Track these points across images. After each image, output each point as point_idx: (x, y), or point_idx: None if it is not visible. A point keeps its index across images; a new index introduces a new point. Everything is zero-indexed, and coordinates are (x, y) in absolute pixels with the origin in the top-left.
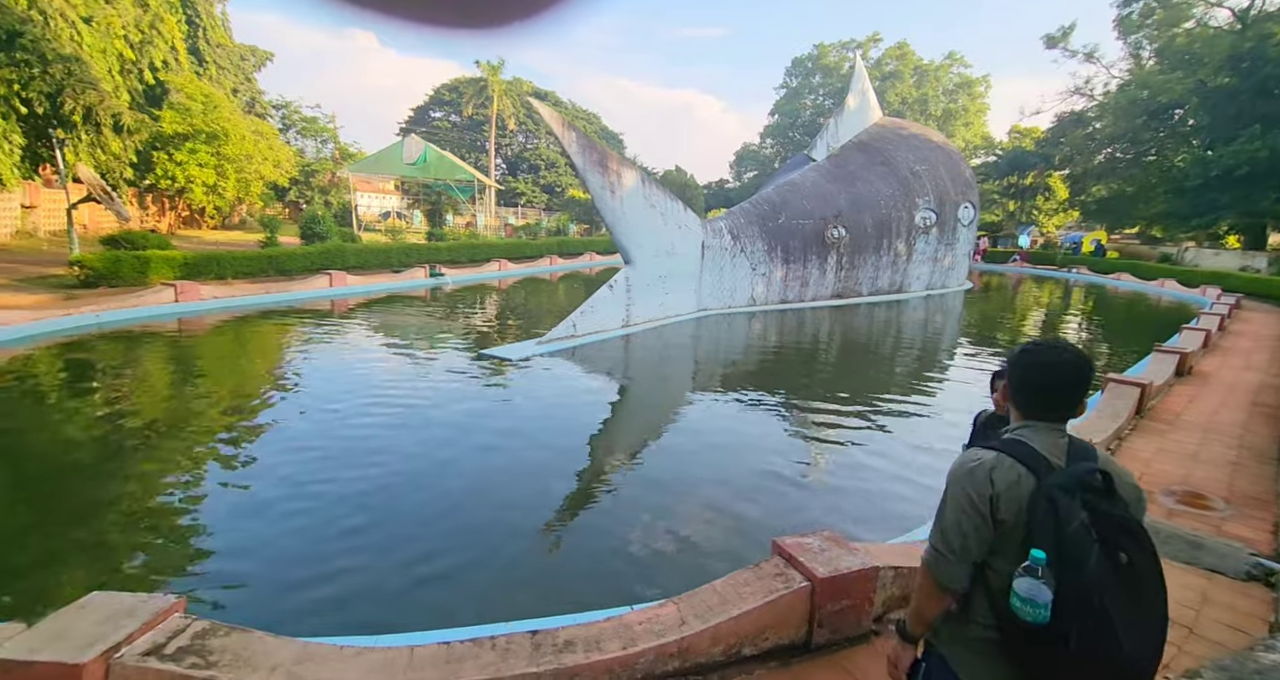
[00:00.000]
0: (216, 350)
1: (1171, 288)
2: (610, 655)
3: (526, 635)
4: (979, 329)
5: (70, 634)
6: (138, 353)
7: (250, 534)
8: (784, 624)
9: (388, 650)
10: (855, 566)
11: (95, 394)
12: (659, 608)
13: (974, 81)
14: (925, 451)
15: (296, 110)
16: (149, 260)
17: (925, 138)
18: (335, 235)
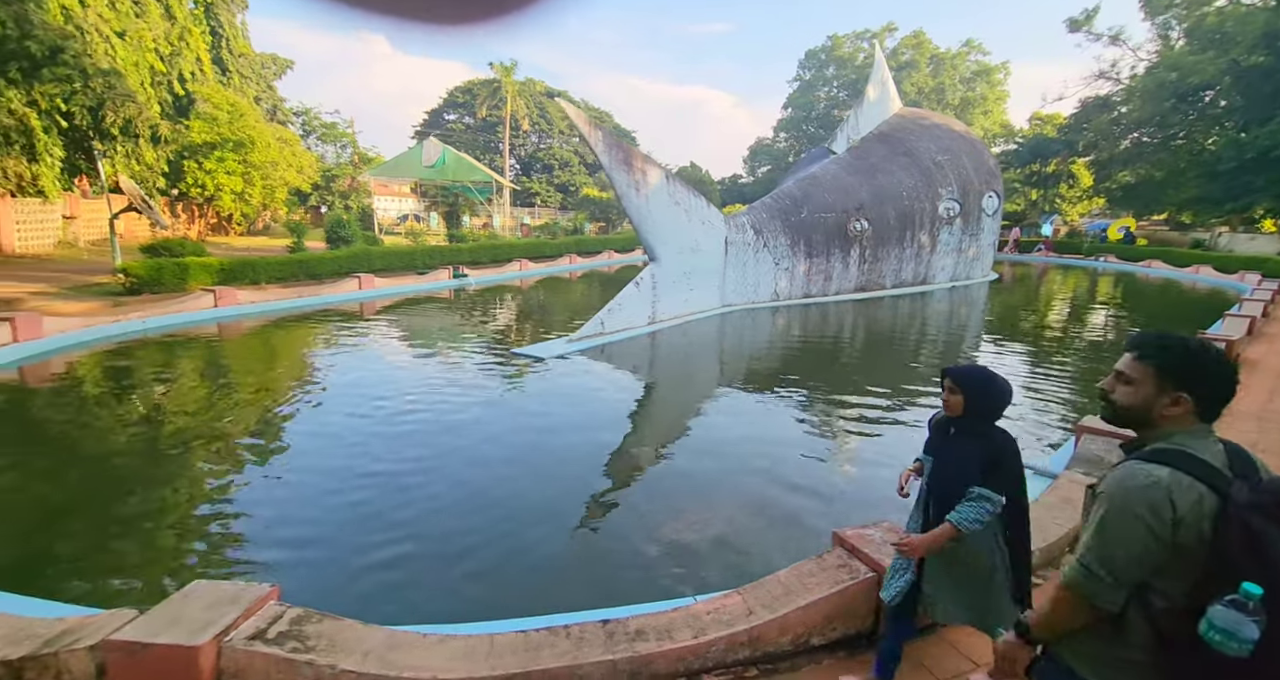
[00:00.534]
0: (258, 352)
1: (1207, 274)
2: (682, 644)
3: (598, 624)
4: (1009, 320)
5: (182, 619)
6: (185, 355)
7: (309, 523)
8: (850, 614)
9: (468, 637)
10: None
11: (151, 395)
12: (725, 598)
13: (992, 69)
14: None
15: (316, 116)
16: (188, 267)
17: (947, 127)
18: (359, 239)
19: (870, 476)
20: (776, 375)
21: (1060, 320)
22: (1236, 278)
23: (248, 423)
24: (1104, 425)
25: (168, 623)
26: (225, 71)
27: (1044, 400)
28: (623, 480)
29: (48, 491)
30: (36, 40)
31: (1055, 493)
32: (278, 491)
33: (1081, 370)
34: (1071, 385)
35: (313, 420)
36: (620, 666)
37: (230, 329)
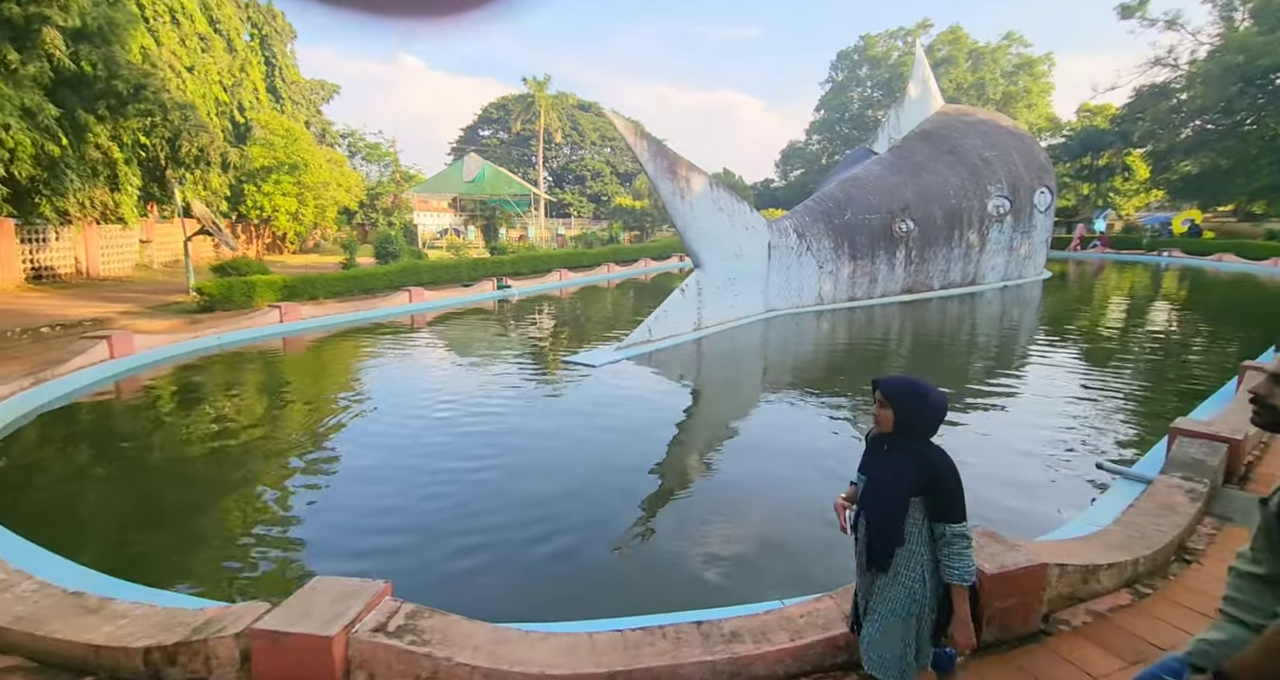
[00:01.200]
0: (328, 363)
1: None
2: (779, 646)
3: (693, 625)
4: (1068, 320)
5: (312, 611)
6: (262, 367)
7: (392, 517)
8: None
9: (569, 635)
10: (1021, 563)
11: (239, 403)
12: (816, 601)
13: (1035, 61)
14: (1027, 456)
15: (361, 137)
16: (255, 285)
17: (994, 123)
18: (406, 254)
19: None
20: (825, 382)
21: (1124, 318)
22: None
23: (329, 427)
24: (1200, 427)
25: (300, 614)
26: (279, 99)
27: (1118, 401)
28: (679, 484)
29: (169, 492)
30: (122, 79)
31: (1152, 499)
32: (368, 487)
33: (1153, 371)
34: (1143, 386)
35: (386, 423)
36: (720, 667)
37: (298, 342)
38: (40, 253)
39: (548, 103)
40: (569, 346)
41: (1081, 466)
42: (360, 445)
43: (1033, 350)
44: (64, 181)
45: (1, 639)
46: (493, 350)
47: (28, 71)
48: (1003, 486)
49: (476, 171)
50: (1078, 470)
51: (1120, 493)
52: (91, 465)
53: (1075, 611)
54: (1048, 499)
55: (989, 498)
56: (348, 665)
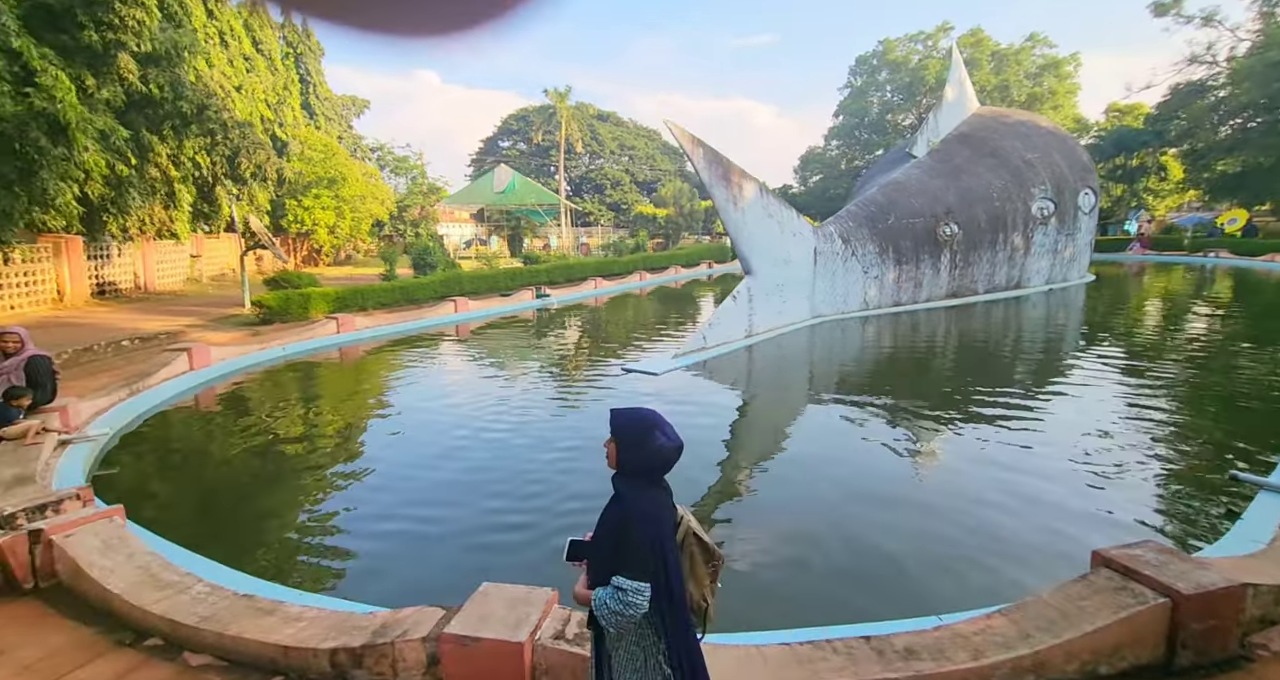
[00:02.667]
0: (392, 371)
1: None
2: (962, 665)
3: (861, 640)
4: (1129, 323)
5: (491, 617)
6: (332, 376)
7: (501, 516)
8: (1139, 642)
9: (737, 648)
10: (1219, 583)
11: (308, 407)
12: (987, 618)
13: (1061, 61)
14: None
15: (390, 151)
16: (310, 297)
17: (1034, 124)
18: (441, 264)
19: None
20: (882, 391)
21: (1186, 322)
22: None
23: (417, 429)
24: None
25: (480, 619)
26: (313, 115)
27: (1195, 408)
28: (757, 489)
29: (276, 494)
30: (187, 100)
31: None
32: (477, 476)
33: (1235, 377)
34: (1225, 391)
35: (469, 427)
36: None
37: (357, 351)
38: (104, 269)
39: (569, 113)
40: (625, 354)
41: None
42: (448, 448)
43: (1083, 357)
44: (127, 200)
45: (192, 638)
46: (552, 358)
47: (102, 96)
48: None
49: (507, 182)
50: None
51: (1267, 506)
52: (201, 471)
53: (1270, 635)
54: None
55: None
56: (534, 671)
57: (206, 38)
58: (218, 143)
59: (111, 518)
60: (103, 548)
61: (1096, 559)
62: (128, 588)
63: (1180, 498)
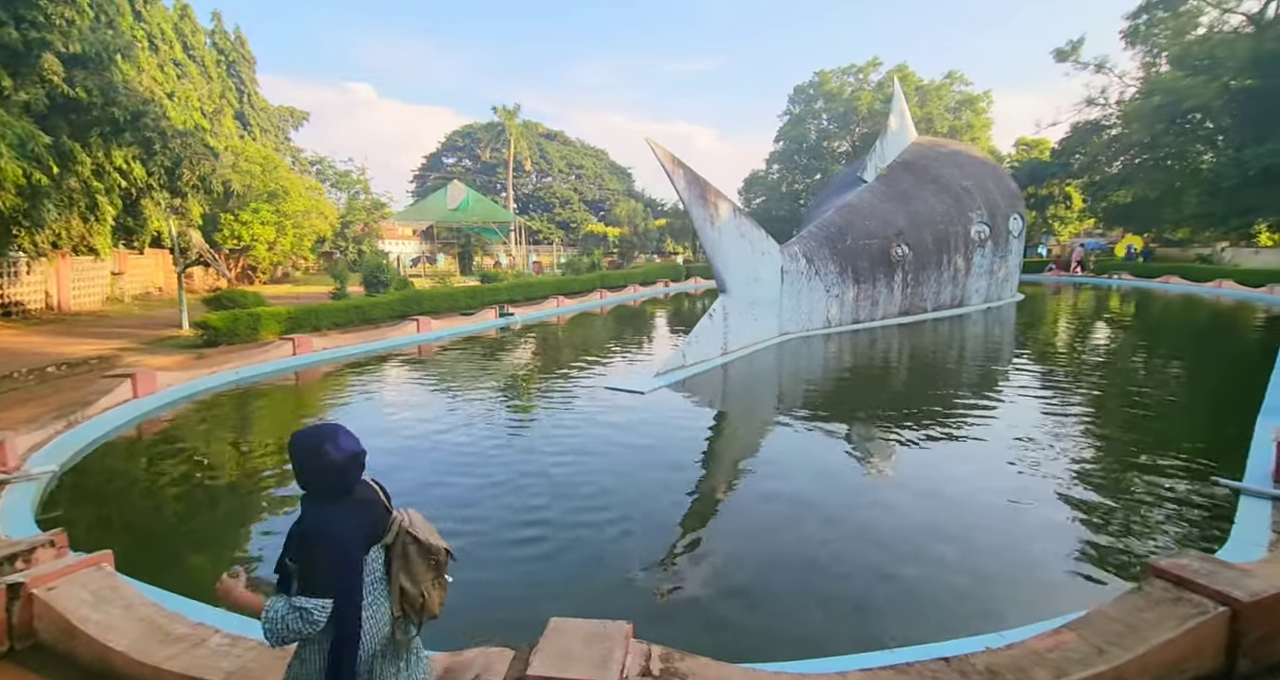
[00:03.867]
0: (359, 394)
1: (1230, 288)
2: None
3: (941, 662)
4: (1064, 338)
5: (574, 657)
6: (292, 401)
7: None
8: (1203, 653)
9: (820, 676)
10: (1272, 589)
11: (271, 436)
12: (1056, 634)
13: (976, 98)
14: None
15: (330, 165)
16: (260, 317)
17: (967, 154)
18: (396, 282)
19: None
20: (856, 407)
21: (1111, 335)
22: (1266, 290)
23: (396, 454)
24: None
25: (561, 659)
26: (247, 126)
27: (1141, 418)
28: (749, 510)
29: (242, 527)
30: (120, 106)
31: None
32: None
33: (1179, 385)
34: (1162, 400)
35: (455, 452)
36: None
37: (316, 374)
38: (11, 287)
39: (518, 131)
40: (603, 372)
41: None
42: (438, 475)
43: (1027, 369)
44: (42, 212)
45: None
46: (529, 379)
47: (21, 98)
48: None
49: (461, 199)
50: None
51: (1253, 511)
52: (162, 508)
53: None
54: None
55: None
56: None
57: (134, 41)
58: (156, 152)
59: (99, 565)
60: (94, 600)
61: (1150, 571)
62: (132, 644)
63: (1154, 505)
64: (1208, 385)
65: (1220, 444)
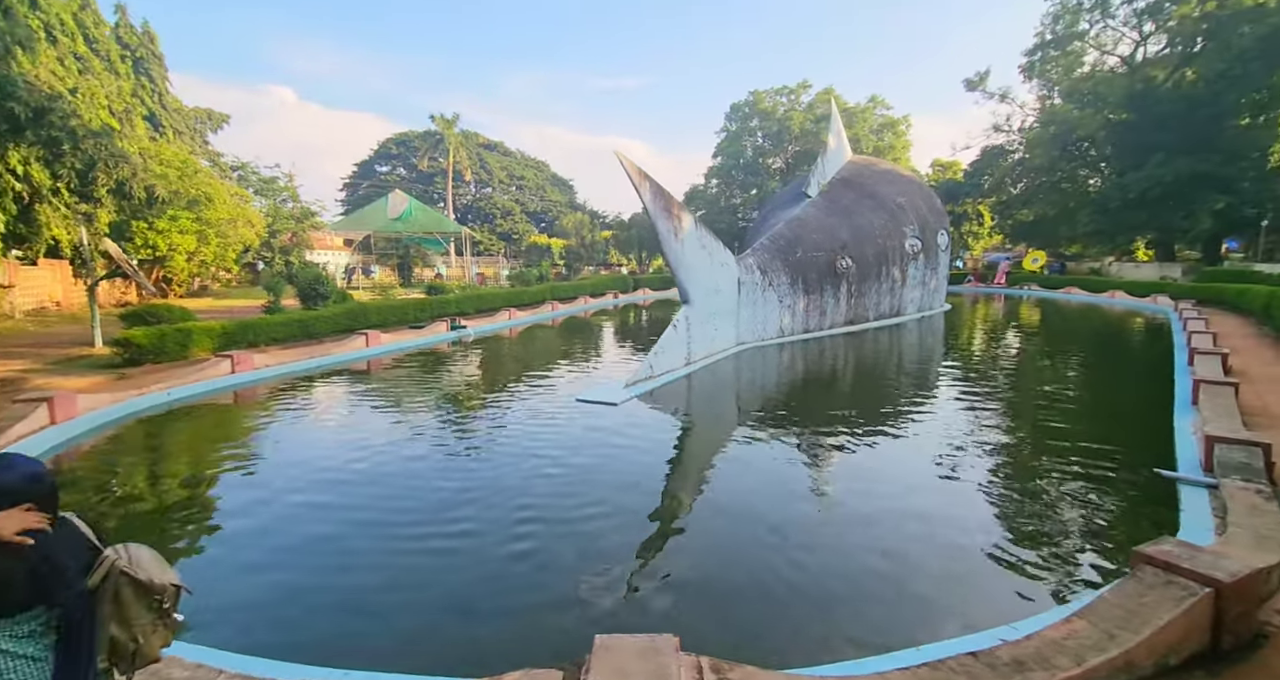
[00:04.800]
0: (308, 413)
1: (1122, 298)
2: (1070, 671)
3: (969, 656)
4: (992, 344)
5: (632, 674)
6: (226, 422)
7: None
8: (1196, 631)
9: (860, 678)
10: (1246, 569)
11: (212, 463)
12: (1067, 623)
13: (896, 121)
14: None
15: (254, 171)
16: (190, 333)
17: (897, 172)
18: (335, 295)
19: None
20: (818, 414)
21: (1031, 340)
22: (1150, 300)
23: (358, 478)
24: (1233, 434)
25: (617, 674)
26: (158, 127)
27: (1070, 416)
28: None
29: (200, 556)
30: (19, 102)
31: (1237, 502)
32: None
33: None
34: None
35: (424, 472)
36: None
37: (257, 393)
38: None
39: (457, 140)
40: (567, 384)
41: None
42: (411, 500)
43: (962, 374)
44: None
45: None
46: (492, 393)
47: None
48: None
49: (403, 208)
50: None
51: (1195, 499)
52: None
53: (1264, 612)
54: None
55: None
56: None
57: (32, 31)
58: (64, 154)
59: None
60: None
61: (1137, 558)
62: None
63: (1095, 495)
64: (1119, 384)
65: (1143, 438)
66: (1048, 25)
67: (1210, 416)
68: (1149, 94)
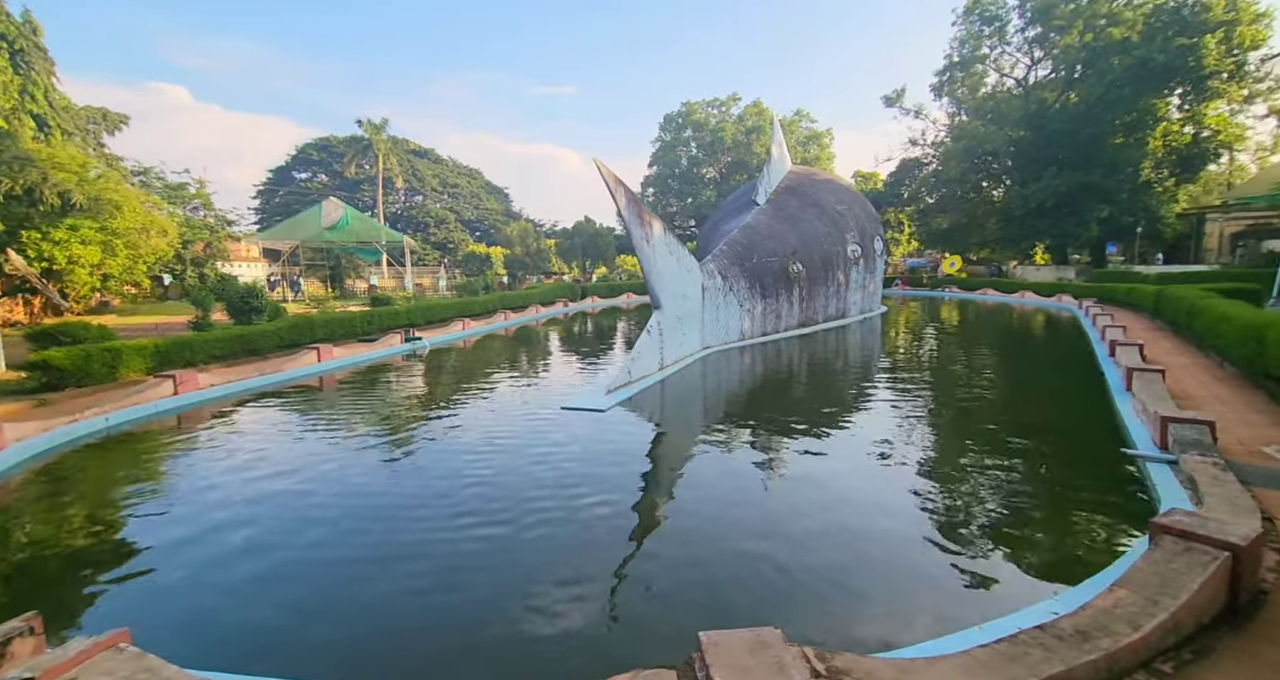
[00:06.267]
0: (265, 436)
1: (1031, 297)
2: (1131, 637)
3: (1036, 630)
4: (931, 341)
5: (747, 668)
6: (174, 448)
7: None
8: (1218, 592)
9: (951, 657)
10: (1256, 531)
11: (162, 495)
12: (1112, 593)
13: (821, 134)
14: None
15: (159, 176)
16: (120, 352)
17: (835, 182)
18: (270, 309)
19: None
20: (792, 410)
21: (963, 337)
22: (1056, 299)
23: (337, 504)
24: (1185, 414)
25: (737, 670)
26: (44, 128)
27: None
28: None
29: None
30: None
31: (1200, 476)
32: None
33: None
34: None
35: (418, 493)
36: (1099, 664)
37: (204, 415)
38: None
39: (386, 146)
40: (544, 392)
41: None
42: (401, 530)
43: (950, 364)
44: None
45: None
46: (471, 404)
47: None
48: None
49: (339, 217)
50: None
51: (1160, 474)
52: (15, 600)
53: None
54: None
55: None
56: None
57: None
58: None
59: (117, 645)
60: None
61: (1155, 528)
62: None
63: (1073, 475)
64: (1053, 374)
65: (1092, 421)
66: (955, 48)
67: (1147, 399)
68: (1041, 114)
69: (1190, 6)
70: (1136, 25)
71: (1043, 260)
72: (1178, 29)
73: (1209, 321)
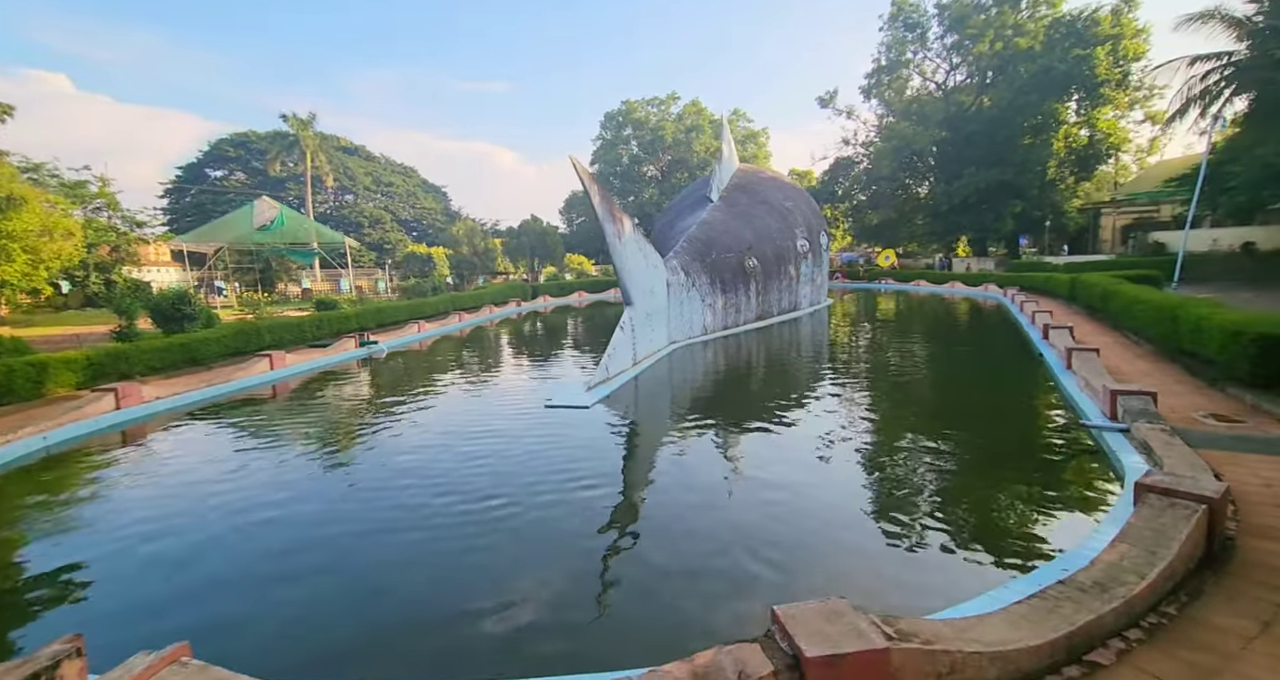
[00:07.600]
0: (219, 450)
1: (960, 288)
2: (1144, 585)
3: (1058, 585)
4: (879, 330)
5: (829, 634)
6: (124, 466)
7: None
8: (1200, 541)
9: (995, 614)
10: (1224, 486)
11: (112, 518)
12: (1115, 547)
13: (757, 133)
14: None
15: (53, 173)
16: (46, 366)
17: (780, 179)
18: (205, 314)
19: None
20: (774, 403)
21: (908, 325)
22: (982, 289)
23: (311, 522)
24: (1130, 387)
25: (821, 638)
26: None
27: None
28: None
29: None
30: None
31: (1153, 442)
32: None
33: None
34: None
35: (411, 501)
36: (1120, 611)
37: (147, 430)
38: None
39: (314, 143)
40: (522, 392)
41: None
42: (392, 549)
43: (910, 352)
44: None
45: None
46: (450, 406)
47: None
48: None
49: (273, 217)
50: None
51: (1117, 441)
52: None
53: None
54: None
55: None
56: (893, 672)
57: None
58: None
59: (179, 659)
60: None
61: (1140, 488)
62: None
63: (1039, 443)
64: (994, 356)
65: (1041, 397)
66: (883, 52)
67: (1089, 376)
68: (960, 116)
69: (1082, 20)
70: (1039, 36)
71: (964, 253)
72: (1074, 41)
73: (1123, 304)
